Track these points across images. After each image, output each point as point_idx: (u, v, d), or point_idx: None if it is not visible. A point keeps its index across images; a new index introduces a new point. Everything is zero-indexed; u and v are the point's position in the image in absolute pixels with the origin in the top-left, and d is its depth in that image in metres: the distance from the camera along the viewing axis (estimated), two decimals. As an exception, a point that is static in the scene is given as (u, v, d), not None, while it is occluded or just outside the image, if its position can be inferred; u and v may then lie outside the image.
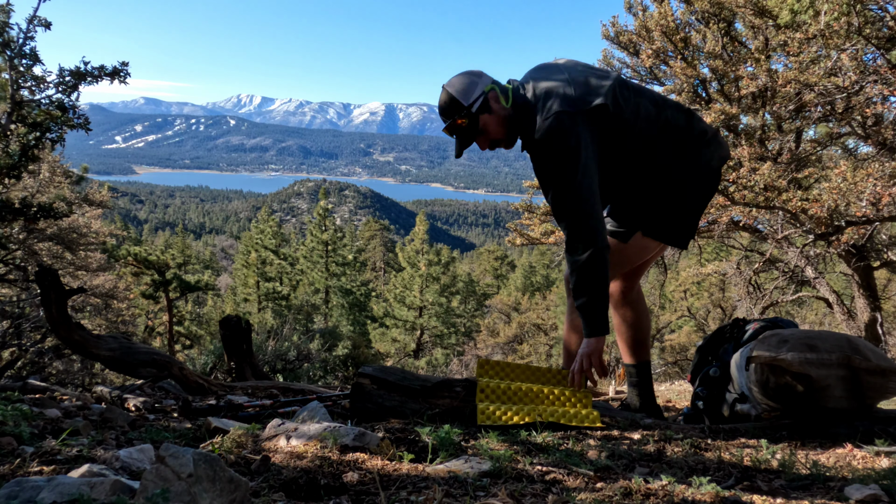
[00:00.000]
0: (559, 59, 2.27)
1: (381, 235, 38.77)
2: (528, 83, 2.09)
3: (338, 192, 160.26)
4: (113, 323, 10.11)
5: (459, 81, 2.08)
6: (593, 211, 1.99)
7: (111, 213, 26.65)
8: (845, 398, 1.89)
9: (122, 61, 3.59)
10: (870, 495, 1.20)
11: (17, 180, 3.57)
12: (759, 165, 4.86)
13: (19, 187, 7.24)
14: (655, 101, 2.16)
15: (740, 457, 1.61)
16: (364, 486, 1.21)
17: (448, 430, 1.56)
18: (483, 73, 2.13)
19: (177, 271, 13.38)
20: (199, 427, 1.84)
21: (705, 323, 15.03)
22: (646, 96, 2.14)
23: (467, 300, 24.26)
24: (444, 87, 2.11)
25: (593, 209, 1.99)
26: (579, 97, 1.99)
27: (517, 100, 2.07)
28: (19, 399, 1.95)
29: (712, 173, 2.22)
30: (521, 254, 35.68)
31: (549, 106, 1.98)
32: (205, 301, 25.64)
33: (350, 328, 19.34)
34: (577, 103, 1.98)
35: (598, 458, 1.55)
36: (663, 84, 6.26)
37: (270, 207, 27.07)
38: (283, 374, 7.23)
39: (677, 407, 3.89)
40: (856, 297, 6.36)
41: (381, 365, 2.57)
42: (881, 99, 4.52)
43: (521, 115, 2.07)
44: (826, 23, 4.27)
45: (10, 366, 5.00)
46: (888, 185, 4.19)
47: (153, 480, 0.91)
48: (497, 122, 2.08)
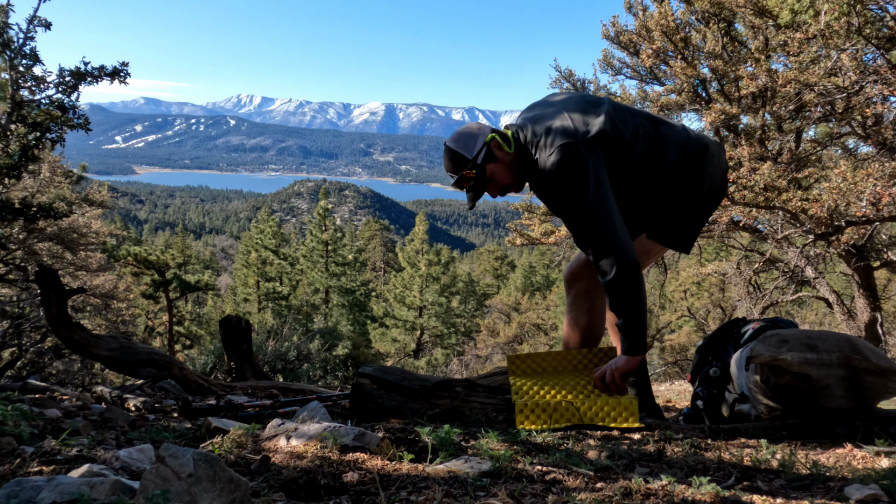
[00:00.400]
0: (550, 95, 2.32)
1: (381, 235, 38.77)
2: (526, 125, 2.13)
3: (338, 192, 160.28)
4: (113, 323, 10.11)
5: (461, 137, 2.14)
6: (616, 230, 1.98)
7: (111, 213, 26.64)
8: (845, 398, 1.89)
9: (122, 61, 3.59)
10: (870, 495, 1.20)
11: (17, 180, 3.57)
12: (759, 165, 4.86)
13: (19, 187, 7.24)
14: (650, 118, 2.20)
15: (740, 457, 1.61)
16: (364, 486, 1.21)
17: (448, 430, 1.56)
18: (482, 125, 2.19)
19: (177, 271, 13.38)
20: (199, 427, 1.84)
21: (705, 323, 15.02)
22: (640, 115, 2.18)
23: (467, 300, 24.26)
24: (446, 145, 2.16)
25: (615, 228, 1.98)
26: (578, 127, 2.03)
27: (519, 143, 2.12)
28: (19, 399, 1.95)
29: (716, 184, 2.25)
30: (521, 254, 35.67)
31: (550, 141, 2.01)
32: (205, 301, 25.65)
33: (350, 328, 19.34)
34: (578, 133, 2.01)
35: (598, 458, 1.55)
36: (663, 84, 6.25)
37: (270, 207, 27.09)
38: (283, 374, 7.23)
39: (677, 407, 3.89)
40: (856, 297, 6.36)
41: (381, 365, 2.57)
42: (881, 99, 4.52)
43: (525, 158, 2.11)
44: (826, 23, 4.27)
45: (10, 366, 5.00)
46: (888, 185, 4.19)
47: (153, 480, 0.91)
48: (504, 169, 2.13)
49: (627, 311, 2.01)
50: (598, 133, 2.02)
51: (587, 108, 2.11)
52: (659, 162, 2.13)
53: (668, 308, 17.29)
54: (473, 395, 2.16)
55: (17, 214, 3.69)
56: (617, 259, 1.98)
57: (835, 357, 1.87)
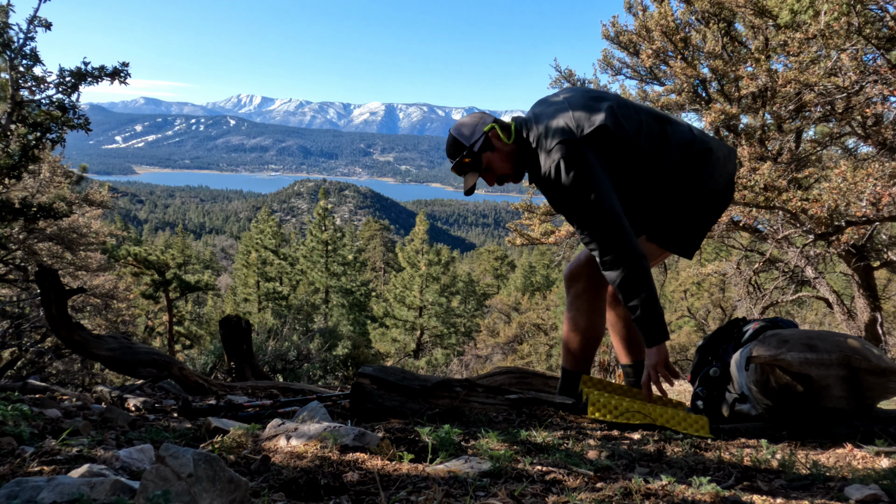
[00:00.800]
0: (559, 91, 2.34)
1: (381, 235, 38.78)
2: (531, 118, 2.18)
3: (338, 192, 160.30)
4: (113, 323, 10.11)
5: (462, 124, 2.23)
6: (619, 226, 1.99)
7: (111, 213, 26.64)
8: (845, 398, 1.89)
9: (123, 61, 3.60)
10: (870, 495, 1.20)
11: (18, 180, 3.57)
12: (759, 165, 4.86)
13: (19, 187, 7.24)
14: (655, 115, 2.19)
15: (740, 457, 1.61)
16: (364, 486, 1.21)
17: (448, 430, 1.56)
18: (486, 114, 2.25)
19: (177, 271, 13.38)
20: (199, 427, 1.84)
21: (705, 323, 15.03)
22: (645, 112, 2.18)
23: (467, 300, 24.26)
24: (450, 131, 2.26)
25: (618, 224, 1.99)
26: (579, 123, 2.05)
27: (519, 135, 2.16)
28: (19, 399, 1.95)
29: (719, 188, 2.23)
30: (521, 254, 35.68)
31: (551, 138, 2.04)
32: (205, 301, 25.66)
33: (350, 328, 19.34)
34: (578, 129, 2.03)
35: (598, 458, 1.55)
36: (663, 84, 6.26)
37: (270, 207, 27.09)
38: (283, 374, 7.24)
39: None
40: (856, 297, 6.36)
41: (381, 365, 2.58)
42: (881, 99, 4.52)
43: (525, 150, 2.16)
44: (826, 23, 4.27)
45: (10, 366, 5.00)
46: (888, 185, 4.19)
47: (153, 480, 0.91)
48: (500, 159, 2.18)
49: (642, 304, 2.01)
50: (597, 128, 2.02)
51: (590, 103, 2.11)
52: (659, 161, 2.13)
53: (668, 308, 17.29)
54: (473, 395, 2.16)
55: (17, 214, 3.69)
56: (624, 255, 1.98)
57: (835, 357, 1.87)
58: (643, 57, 5.89)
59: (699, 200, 2.20)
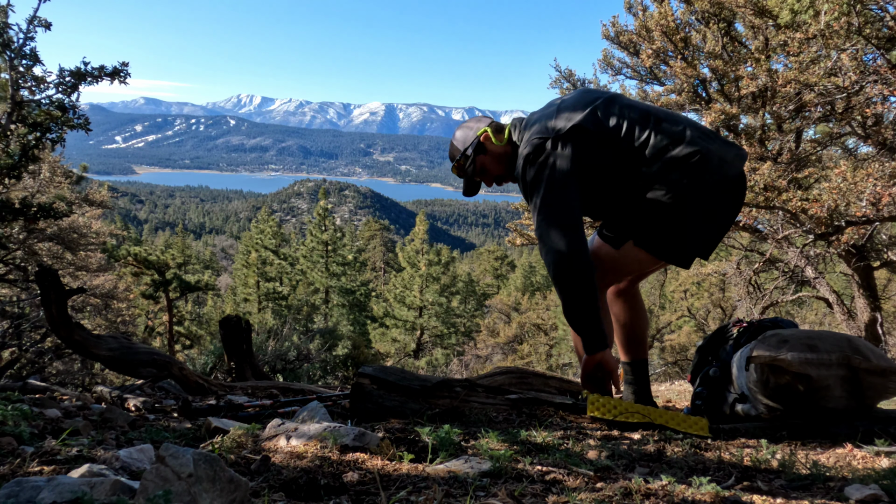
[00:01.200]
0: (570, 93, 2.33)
1: (381, 235, 38.78)
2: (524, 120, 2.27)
3: (338, 192, 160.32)
4: (113, 323, 10.11)
5: (461, 129, 2.38)
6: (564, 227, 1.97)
7: (111, 213, 26.65)
8: (845, 398, 1.89)
9: (123, 61, 3.59)
10: (870, 495, 1.20)
11: (18, 180, 3.57)
12: (759, 165, 4.86)
13: (19, 187, 7.24)
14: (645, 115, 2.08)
15: (740, 457, 1.61)
16: (364, 486, 1.21)
17: (448, 430, 1.56)
18: (484, 118, 2.39)
19: (177, 271, 13.38)
20: (199, 427, 1.84)
21: (705, 323, 15.02)
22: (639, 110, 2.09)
23: (467, 300, 24.25)
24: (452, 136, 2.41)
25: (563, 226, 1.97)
26: (555, 124, 2.07)
27: (512, 137, 2.27)
28: (19, 399, 1.95)
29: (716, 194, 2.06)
30: (521, 254, 35.68)
31: (528, 138, 2.12)
32: (205, 301, 25.66)
33: (350, 328, 19.34)
34: (553, 129, 2.06)
35: (598, 458, 1.55)
36: (663, 84, 6.26)
37: (270, 207, 27.10)
38: (283, 374, 7.24)
39: (677, 407, 3.88)
40: (856, 297, 6.36)
41: (381, 365, 2.58)
42: (881, 99, 4.52)
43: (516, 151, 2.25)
44: (826, 23, 4.27)
45: (10, 366, 5.00)
46: (888, 185, 4.19)
47: (153, 480, 0.91)
48: (493, 161, 2.30)
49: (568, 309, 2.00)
50: (571, 128, 2.03)
51: (579, 103, 2.11)
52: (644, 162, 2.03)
53: (668, 308, 17.29)
54: (473, 395, 2.16)
55: (17, 214, 3.68)
56: (557, 257, 1.96)
57: (835, 357, 1.87)
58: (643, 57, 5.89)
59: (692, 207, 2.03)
